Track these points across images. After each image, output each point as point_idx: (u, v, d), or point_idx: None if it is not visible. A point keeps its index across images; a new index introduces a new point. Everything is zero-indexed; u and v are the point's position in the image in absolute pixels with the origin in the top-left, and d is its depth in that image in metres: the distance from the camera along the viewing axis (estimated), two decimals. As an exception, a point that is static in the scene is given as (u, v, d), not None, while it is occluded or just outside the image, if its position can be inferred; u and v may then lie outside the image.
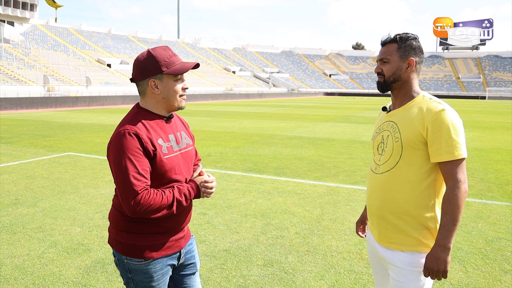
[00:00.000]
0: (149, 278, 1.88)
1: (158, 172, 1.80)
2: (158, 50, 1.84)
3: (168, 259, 1.93)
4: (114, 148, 1.76)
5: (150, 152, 1.77)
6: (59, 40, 55.49)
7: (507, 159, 9.42)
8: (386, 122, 1.95)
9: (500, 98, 73.02)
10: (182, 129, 2.02)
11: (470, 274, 3.57)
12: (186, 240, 2.03)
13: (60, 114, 23.15)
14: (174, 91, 1.86)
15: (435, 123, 1.77)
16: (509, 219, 5.06)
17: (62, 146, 10.68)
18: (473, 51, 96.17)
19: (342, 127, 16.79)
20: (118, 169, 1.73)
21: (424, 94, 1.92)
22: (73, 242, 4.18)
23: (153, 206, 1.73)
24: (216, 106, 34.41)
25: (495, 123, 20.00)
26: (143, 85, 1.85)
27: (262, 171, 7.76)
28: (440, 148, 1.77)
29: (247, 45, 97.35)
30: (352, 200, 5.82)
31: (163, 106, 1.88)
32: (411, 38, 1.90)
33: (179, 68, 1.85)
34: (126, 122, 1.81)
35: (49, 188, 6.28)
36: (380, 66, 1.94)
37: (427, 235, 1.84)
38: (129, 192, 1.70)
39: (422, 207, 1.82)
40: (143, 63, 1.82)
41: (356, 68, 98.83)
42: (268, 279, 3.45)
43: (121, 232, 1.87)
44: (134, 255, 1.85)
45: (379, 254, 1.98)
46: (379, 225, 1.94)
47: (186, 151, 1.97)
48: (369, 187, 2.01)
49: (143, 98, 1.89)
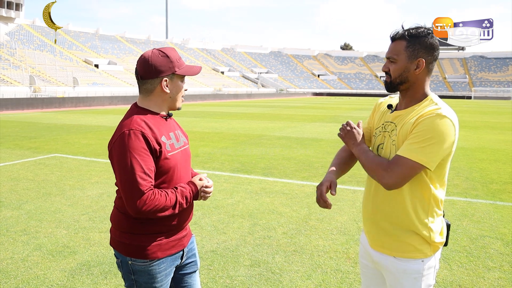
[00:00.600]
0: (152, 279, 1.89)
1: (162, 169, 1.82)
2: (170, 51, 1.87)
3: (172, 259, 1.95)
4: (119, 148, 1.75)
5: (157, 151, 1.79)
6: (46, 40, 54.80)
7: (492, 158, 9.57)
8: (389, 122, 1.83)
9: (485, 98, 74.21)
10: (177, 128, 2.04)
11: (454, 271, 3.62)
12: (188, 238, 2.05)
13: (47, 115, 22.87)
14: (179, 92, 1.92)
15: (421, 123, 1.66)
16: (493, 217, 5.14)
17: (48, 147, 10.55)
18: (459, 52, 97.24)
19: (330, 127, 16.88)
20: (123, 169, 1.72)
21: (433, 97, 1.77)
22: (58, 244, 4.13)
23: (158, 206, 1.74)
24: (204, 106, 34.32)
25: (480, 122, 20.30)
26: (153, 83, 1.85)
27: (250, 171, 7.77)
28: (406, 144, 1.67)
29: (236, 46, 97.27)
30: (339, 200, 5.85)
31: (167, 105, 1.92)
32: (422, 35, 1.71)
33: (189, 70, 1.91)
34: (129, 122, 1.80)
35: (34, 190, 6.19)
36: (388, 64, 1.79)
37: (421, 241, 1.76)
38: (134, 192, 1.70)
39: (414, 214, 1.74)
40: (157, 62, 1.83)
41: (344, 69, 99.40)
42: (255, 280, 3.45)
43: (125, 234, 1.87)
44: (139, 256, 1.85)
45: (373, 258, 1.91)
46: (372, 230, 1.87)
47: (185, 148, 2.01)
48: (366, 190, 1.94)
49: (147, 97, 1.89)
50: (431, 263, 1.79)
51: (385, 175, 1.68)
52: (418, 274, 1.77)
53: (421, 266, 1.77)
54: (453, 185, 6.74)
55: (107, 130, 14.72)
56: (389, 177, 1.67)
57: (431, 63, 1.74)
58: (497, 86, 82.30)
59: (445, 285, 3.38)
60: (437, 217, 1.78)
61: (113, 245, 1.94)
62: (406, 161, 1.64)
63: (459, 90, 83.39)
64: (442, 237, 1.81)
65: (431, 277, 1.81)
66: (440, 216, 1.80)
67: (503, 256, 3.96)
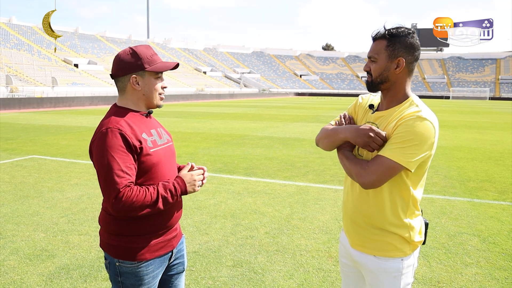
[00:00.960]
0: (139, 281, 1.87)
1: (145, 166, 1.81)
2: (141, 48, 1.88)
3: (161, 260, 1.93)
4: (97, 148, 1.76)
5: (137, 148, 1.77)
6: (23, 39, 53.57)
7: (469, 157, 9.79)
8: (370, 123, 1.82)
9: (463, 98, 75.91)
10: (159, 126, 2.04)
11: (433, 268, 3.69)
12: (178, 239, 2.04)
13: (24, 115, 22.35)
14: (154, 89, 1.90)
15: (402, 125, 1.66)
16: (470, 214, 5.25)
17: (26, 149, 10.31)
18: (438, 53, 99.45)
19: (312, 127, 16.98)
20: (100, 167, 1.73)
21: (414, 98, 1.78)
22: (36, 248, 4.04)
23: (135, 203, 1.71)
24: (187, 106, 34.10)
25: (458, 122, 20.73)
26: (124, 81, 1.87)
27: (232, 171, 7.75)
28: (387, 145, 1.68)
29: (218, 46, 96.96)
30: (321, 199, 5.89)
31: (143, 102, 1.91)
32: (403, 35, 1.71)
33: (161, 66, 1.89)
34: (107, 121, 1.81)
35: (10, 193, 6.05)
36: (369, 64, 1.80)
37: (401, 240, 1.77)
38: (110, 190, 1.70)
39: (393, 215, 1.75)
40: (125, 59, 1.85)
41: (326, 69, 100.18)
42: (237, 280, 3.44)
43: (113, 235, 1.85)
44: (126, 258, 1.84)
45: (353, 257, 1.92)
46: (353, 229, 1.88)
47: (168, 145, 1.99)
48: (345, 189, 1.94)
49: (122, 95, 1.90)
50: (410, 262, 1.81)
51: (363, 173, 1.68)
52: (397, 272, 1.79)
53: (400, 265, 1.79)
54: (432, 184, 6.86)
55: (87, 131, 14.47)
56: (367, 175, 1.67)
57: (411, 63, 1.75)
58: (474, 87, 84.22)
59: (424, 281, 3.44)
60: (415, 217, 1.81)
61: (102, 246, 1.92)
62: (385, 160, 1.65)
63: (438, 90, 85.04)
64: (421, 236, 1.83)
65: (410, 275, 1.83)
66: (418, 215, 1.83)
67: (480, 252, 4.06)
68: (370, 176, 1.66)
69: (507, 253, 4.03)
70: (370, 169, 1.67)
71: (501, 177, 7.54)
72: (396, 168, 1.65)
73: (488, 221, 4.97)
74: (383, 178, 1.66)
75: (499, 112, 30.90)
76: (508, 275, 3.57)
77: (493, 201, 5.90)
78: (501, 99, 74.07)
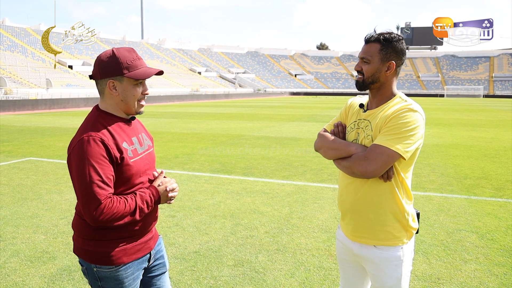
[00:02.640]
0: (120, 284, 1.85)
1: (124, 176, 1.78)
2: (122, 51, 1.79)
3: (139, 262, 1.91)
4: (77, 155, 1.69)
5: (117, 158, 1.74)
6: (16, 40, 53.25)
7: (465, 154, 9.86)
8: (362, 120, 1.95)
9: (457, 96, 76.36)
10: (142, 130, 2.00)
11: (433, 265, 3.72)
12: (154, 240, 2.02)
13: (19, 117, 22.23)
14: (132, 95, 1.81)
15: (396, 117, 1.79)
16: (468, 211, 5.30)
17: (22, 151, 10.27)
18: (432, 51, 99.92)
19: (309, 126, 17.02)
20: (80, 177, 1.67)
21: (401, 95, 1.93)
22: (36, 250, 4.04)
23: (116, 214, 1.70)
24: (182, 107, 34.06)
25: (453, 120, 20.86)
26: (102, 84, 1.81)
27: (230, 171, 7.76)
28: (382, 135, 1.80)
29: (213, 46, 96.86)
30: (320, 198, 5.92)
31: (121, 108, 1.84)
32: (395, 40, 1.86)
33: (141, 73, 1.79)
34: (88, 127, 1.75)
35: (9, 195, 6.02)
36: (361, 64, 1.92)
37: (399, 229, 1.88)
38: (91, 201, 1.65)
39: (392, 202, 1.86)
40: (104, 62, 1.77)
41: (320, 68, 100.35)
42: (239, 279, 3.46)
43: (88, 241, 1.81)
44: (104, 263, 1.81)
45: (353, 252, 2.00)
46: (352, 220, 1.96)
47: (149, 152, 1.96)
48: (342, 183, 2.01)
49: (102, 99, 1.85)
50: (408, 250, 1.93)
51: (364, 164, 1.79)
52: (398, 261, 1.90)
53: (401, 253, 1.90)
54: (429, 181, 6.91)
55: (83, 133, 14.41)
56: (368, 165, 1.78)
57: (399, 66, 1.91)
58: (468, 84, 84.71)
59: (424, 278, 3.48)
60: (410, 204, 1.94)
61: (76, 252, 1.87)
62: (384, 149, 1.77)
63: (432, 89, 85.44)
64: (415, 223, 1.96)
65: (409, 263, 1.95)
66: (411, 204, 1.96)
67: (478, 248, 4.10)
68: (372, 165, 1.78)
69: (505, 249, 4.07)
70: (371, 158, 1.78)
71: (497, 174, 7.60)
72: (395, 157, 1.77)
73: (485, 218, 5.02)
74: (384, 167, 1.78)
75: (493, 110, 31.10)
76: (506, 270, 3.61)
77: (490, 198, 5.96)
78: (495, 96, 74.62)
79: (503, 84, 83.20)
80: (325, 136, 2.01)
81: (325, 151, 1.98)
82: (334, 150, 1.94)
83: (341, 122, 2.06)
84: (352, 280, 2.11)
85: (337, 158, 1.93)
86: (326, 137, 2.00)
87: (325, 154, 1.99)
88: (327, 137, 2.00)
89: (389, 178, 1.82)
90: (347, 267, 2.10)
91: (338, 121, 2.09)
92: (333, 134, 2.03)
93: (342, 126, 2.04)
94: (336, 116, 2.16)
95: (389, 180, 1.83)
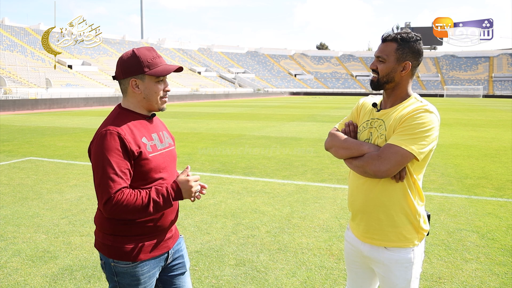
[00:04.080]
0: (136, 281, 1.87)
1: (142, 170, 1.81)
2: (142, 51, 1.85)
3: (156, 261, 1.93)
4: (95, 149, 1.77)
5: (134, 152, 1.77)
6: (16, 40, 53.21)
7: (465, 154, 9.87)
8: (375, 119, 1.92)
9: (456, 96, 76.43)
10: (163, 129, 2.04)
11: (434, 264, 3.73)
12: (174, 240, 2.03)
13: (19, 117, 22.23)
14: (154, 92, 1.87)
15: (411, 118, 1.76)
16: (468, 211, 5.31)
17: (23, 150, 10.27)
18: (431, 51, 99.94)
19: (309, 126, 17.03)
20: (96, 169, 1.74)
21: (416, 96, 1.90)
22: (38, 249, 4.04)
23: (126, 207, 1.71)
24: (182, 107, 34.05)
25: (453, 120, 20.87)
26: (125, 83, 1.87)
27: (230, 171, 7.77)
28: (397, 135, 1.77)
29: (212, 46, 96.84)
30: (321, 198, 5.92)
31: (144, 106, 1.90)
32: (412, 40, 1.82)
33: (161, 70, 1.85)
34: (108, 123, 1.81)
35: (9, 195, 6.02)
36: (376, 63, 1.88)
37: (410, 230, 1.85)
38: (104, 193, 1.70)
39: (404, 203, 1.83)
40: (126, 62, 1.84)
41: (320, 68, 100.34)
42: (240, 279, 3.46)
43: (108, 236, 1.85)
44: (121, 258, 1.84)
45: (363, 254, 1.97)
46: (363, 221, 1.93)
47: (169, 150, 1.99)
48: (353, 184, 1.98)
49: (125, 98, 1.91)
50: (419, 252, 1.90)
51: (377, 163, 1.76)
52: (409, 263, 1.86)
53: (412, 255, 1.87)
54: (430, 181, 6.92)
55: (83, 132, 14.43)
56: (381, 164, 1.75)
57: (415, 67, 1.86)
58: (468, 85, 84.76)
59: (425, 277, 3.48)
60: (422, 206, 1.91)
61: (96, 246, 1.91)
62: (399, 149, 1.74)
63: (432, 88, 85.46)
64: (427, 225, 1.92)
65: (419, 265, 1.92)
66: (423, 205, 1.93)
67: (479, 248, 4.10)
68: (385, 165, 1.74)
69: (506, 249, 4.08)
70: (385, 158, 1.75)
71: (498, 174, 7.61)
72: (408, 157, 1.74)
73: (486, 218, 5.03)
74: (398, 167, 1.75)
75: (493, 110, 31.13)
76: (507, 270, 3.61)
77: (491, 197, 5.97)
78: (495, 96, 74.67)
79: (502, 84, 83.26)
80: (337, 135, 1.98)
81: (336, 150, 1.95)
82: (345, 150, 1.91)
83: (352, 122, 2.03)
84: (359, 282, 2.08)
85: (349, 158, 1.90)
86: (338, 136, 1.97)
87: (336, 153, 1.96)
88: (339, 136, 1.96)
89: (401, 178, 1.79)
90: (355, 268, 2.07)
91: (349, 120, 2.05)
92: (344, 133, 1.99)
93: (354, 125, 2.01)
94: (347, 116, 2.13)
95: (401, 180, 1.80)
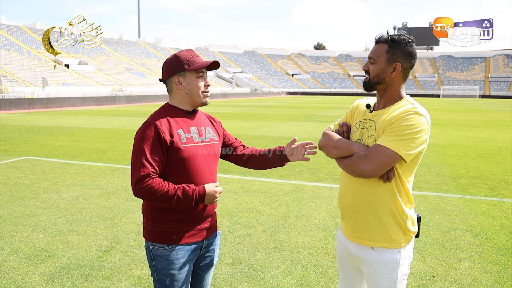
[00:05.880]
0: (170, 264, 1.98)
1: (174, 158, 1.96)
2: (182, 52, 2.07)
3: (191, 248, 2.03)
4: (135, 136, 1.99)
5: (167, 141, 1.93)
6: (12, 39, 53.03)
7: (460, 154, 9.94)
8: (367, 120, 1.95)
9: (453, 96, 76.74)
10: (207, 124, 2.18)
11: (428, 263, 3.77)
12: (210, 232, 2.13)
13: (15, 116, 22.17)
14: (196, 87, 2.05)
15: (400, 119, 1.78)
16: (463, 210, 5.36)
17: (19, 150, 10.26)
18: (428, 51, 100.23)
19: (306, 126, 17.08)
20: (132, 153, 1.96)
21: (408, 98, 1.91)
22: (35, 248, 4.06)
23: (154, 193, 1.87)
24: (179, 106, 33.96)
25: (449, 120, 20.97)
26: (170, 83, 2.07)
27: (227, 171, 7.80)
28: (385, 136, 1.79)
29: (210, 45, 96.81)
30: (317, 197, 5.97)
31: (188, 101, 2.07)
32: (403, 42, 1.86)
33: (199, 65, 2.04)
34: (151, 116, 2.02)
35: (6, 194, 6.04)
36: (368, 64, 1.93)
37: (397, 231, 1.87)
38: (134, 174, 1.90)
39: (392, 204, 1.85)
40: (168, 63, 2.05)
41: (317, 68, 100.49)
42: (237, 277, 3.50)
43: (148, 220, 2.03)
44: (158, 241, 1.99)
45: (351, 253, 2.00)
46: (351, 220, 1.96)
47: (209, 144, 2.11)
48: (343, 183, 2.01)
49: (170, 96, 2.10)
50: (406, 253, 1.92)
51: (364, 163, 1.79)
52: (395, 264, 1.88)
53: (398, 256, 1.89)
54: (425, 181, 6.98)
55: (80, 132, 14.42)
56: (367, 164, 1.78)
57: (407, 69, 1.90)
58: (464, 85, 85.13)
59: (419, 275, 3.53)
60: (411, 208, 1.93)
61: (143, 232, 2.09)
62: (385, 149, 1.76)
63: (428, 89, 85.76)
64: (415, 227, 1.94)
65: (406, 266, 1.93)
66: (412, 207, 1.95)
67: (472, 247, 4.16)
68: (371, 165, 1.77)
69: (499, 248, 4.13)
70: (371, 158, 1.78)
71: (492, 174, 7.68)
72: (395, 158, 1.76)
73: (480, 217, 5.08)
74: (384, 167, 1.77)
75: (489, 110, 31.29)
76: (500, 268, 3.67)
77: (485, 197, 6.03)
78: (491, 97, 75.00)
79: (498, 84, 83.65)
80: (330, 135, 2.02)
81: (328, 149, 1.99)
82: (337, 149, 1.95)
83: (346, 122, 2.07)
84: (350, 281, 2.11)
85: (340, 157, 1.93)
86: (331, 136, 2.01)
87: (328, 153, 2.00)
88: (332, 136, 2.00)
89: (389, 179, 1.82)
90: (345, 268, 2.11)
91: (343, 121, 2.09)
92: (337, 133, 2.03)
93: (347, 126, 2.05)
94: (342, 116, 2.18)
95: (389, 181, 1.82)
